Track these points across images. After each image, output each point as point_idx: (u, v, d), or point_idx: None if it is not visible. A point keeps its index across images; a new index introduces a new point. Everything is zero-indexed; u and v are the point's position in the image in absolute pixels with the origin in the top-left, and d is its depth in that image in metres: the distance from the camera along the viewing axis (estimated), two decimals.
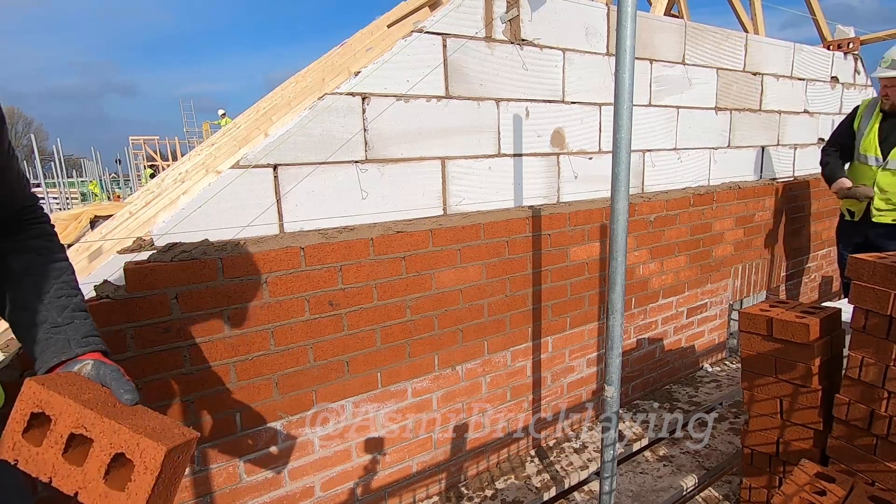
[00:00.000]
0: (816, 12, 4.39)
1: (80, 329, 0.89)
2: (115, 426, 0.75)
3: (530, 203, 2.41)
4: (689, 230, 2.99)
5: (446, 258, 2.03)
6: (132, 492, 0.73)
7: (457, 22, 2.04)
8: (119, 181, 24.46)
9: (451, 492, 2.24)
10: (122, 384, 0.84)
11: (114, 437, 0.75)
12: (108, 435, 0.75)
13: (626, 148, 1.52)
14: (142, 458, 0.74)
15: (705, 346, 3.37)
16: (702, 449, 2.52)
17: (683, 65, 2.95)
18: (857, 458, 1.66)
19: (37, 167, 15.98)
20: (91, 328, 0.91)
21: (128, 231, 2.47)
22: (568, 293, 2.48)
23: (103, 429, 0.75)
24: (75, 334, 0.88)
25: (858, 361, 1.64)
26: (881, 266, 1.56)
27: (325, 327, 1.78)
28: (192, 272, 1.51)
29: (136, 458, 0.74)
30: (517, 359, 2.36)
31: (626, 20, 1.43)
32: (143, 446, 0.75)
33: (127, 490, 0.73)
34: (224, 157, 2.61)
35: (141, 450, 0.74)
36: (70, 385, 0.80)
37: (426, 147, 2.06)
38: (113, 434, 0.75)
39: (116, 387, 0.83)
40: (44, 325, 0.86)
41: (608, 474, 1.79)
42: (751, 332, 1.90)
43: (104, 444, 0.75)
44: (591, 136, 2.59)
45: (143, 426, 0.77)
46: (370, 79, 1.88)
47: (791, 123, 3.76)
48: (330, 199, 1.88)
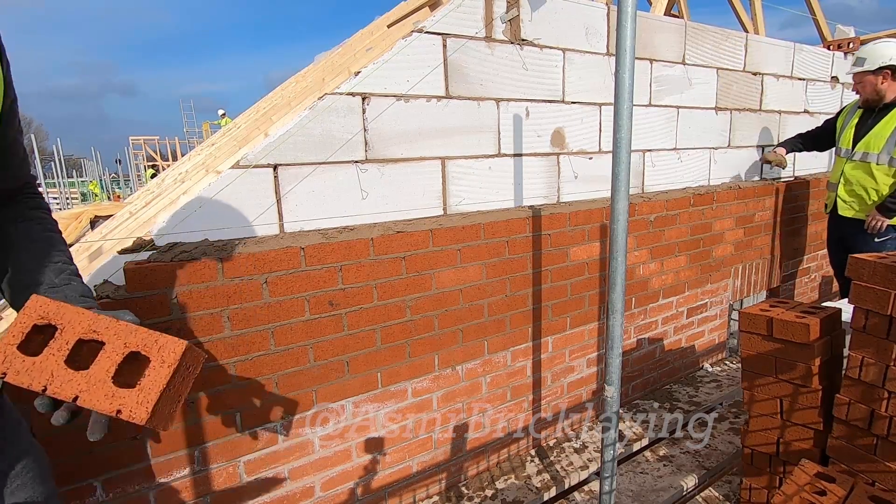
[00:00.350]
0: (816, 12, 4.39)
1: (77, 289, 0.91)
2: (132, 327, 0.74)
3: (530, 203, 2.41)
4: (690, 230, 2.99)
5: (446, 258, 2.03)
6: (145, 387, 0.72)
7: (457, 22, 2.04)
8: (119, 181, 24.47)
9: (452, 492, 2.24)
10: (122, 312, 0.85)
11: (129, 337, 0.74)
12: (124, 336, 0.74)
13: (626, 148, 1.52)
14: (160, 353, 0.73)
15: (705, 346, 3.37)
16: (702, 449, 2.52)
17: (683, 65, 2.95)
18: (858, 458, 1.66)
19: (37, 167, 15.98)
20: (87, 289, 0.93)
21: (128, 231, 2.47)
22: (568, 293, 2.48)
23: (118, 330, 0.74)
24: (73, 293, 0.89)
25: (858, 361, 1.64)
26: (881, 266, 1.56)
27: (325, 327, 1.78)
28: (192, 272, 1.51)
29: (153, 355, 0.73)
30: (517, 359, 2.36)
31: (626, 20, 1.43)
32: (161, 342, 0.73)
33: (139, 385, 0.72)
34: (224, 157, 2.61)
35: (160, 346, 0.73)
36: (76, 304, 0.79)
37: (426, 147, 2.06)
38: (129, 334, 0.74)
39: (118, 314, 0.84)
40: (41, 285, 0.88)
41: (608, 474, 1.79)
42: (751, 332, 1.90)
43: (118, 344, 0.73)
44: (592, 136, 2.59)
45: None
46: (370, 79, 1.88)
47: (791, 123, 3.76)
48: (330, 199, 1.88)
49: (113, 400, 0.71)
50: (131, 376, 0.74)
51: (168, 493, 1.57)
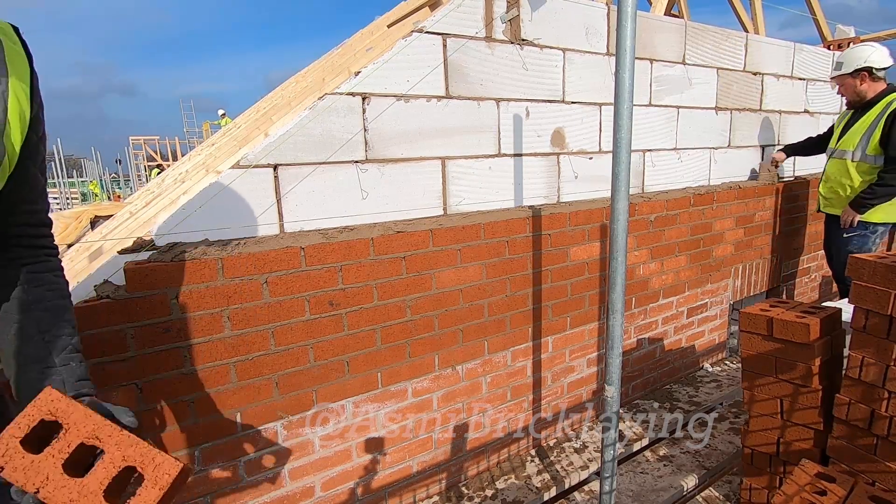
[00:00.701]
0: (817, 12, 4.39)
1: (75, 372, 0.88)
2: (134, 439, 0.74)
3: (530, 203, 2.41)
4: (690, 230, 2.99)
5: (446, 258, 2.03)
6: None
7: (457, 22, 2.04)
8: (119, 181, 24.46)
9: (452, 492, 2.24)
10: (122, 410, 0.83)
11: (128, 451, 0.74)
12: (124, 448, 0.74)
13: (627, 148, 1.52)
14: (154, 472, 0.73)
15: (705, 346, 3.37)
16: (702, 449, 2.52)
17: (683, 65, 2.95)
18: (858, 458, 1.66)
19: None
20: (84, 372, 0.90)
21: (128, 231, 2.47)
22: (568, 293, 2.48)
23: (119, 441, 0.74)
24: (70, 377, 0.87)
25: (859, 361, 1.64)
26: (881, 266, 1.56)
27: (325, 327, 1.78)
28: (192, 272, 1.51)
29: (148, 473, 0.73)
30: (517, 359, 2.36)
31: (626, 20, 1.43)
32: (158, 461, 0.73)
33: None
34: (224, 157, 2.61)
35: (156, 464, 0.73)
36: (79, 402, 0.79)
37: (426, 147, 2.06)
38: (129, 447, 0.74)
39: (117, 412, 0.82)
40: (38, 364, 0.85)
41: (608, 474, 1.79)
42: (751, 331, 1.90)
43: (116, 456, 0.73)
44: (592, 135, 2.59)
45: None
46: (370, 79, 1.88)
47: (791, 123, 3.76)
48: (330, 199, 1.88)
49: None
50: (122, 487, 0.75)
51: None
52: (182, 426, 1.56)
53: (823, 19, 4.44)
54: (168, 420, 1.54)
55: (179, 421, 1.56)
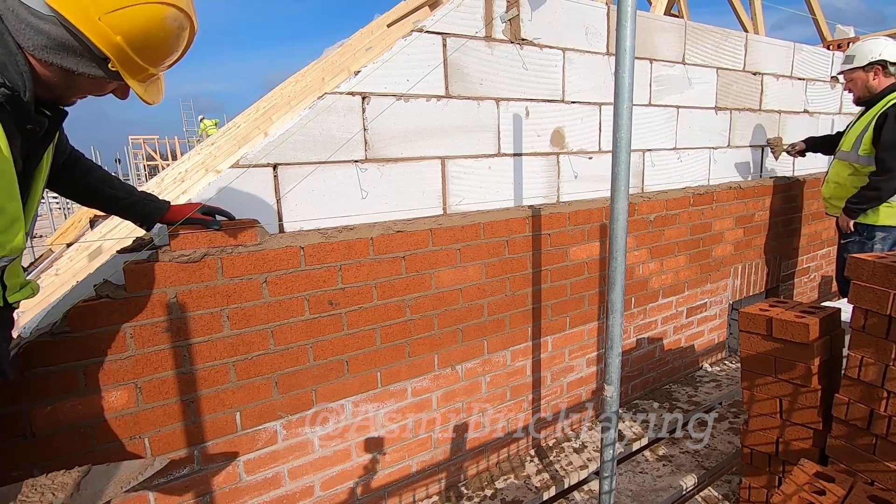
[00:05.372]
0: (816, 12, 4.39)
1: (148, 194, 1.50)
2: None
3: (530, 202, 2.41)
4: (689, 230, 2.99)
5: (446, 258, 2.03)
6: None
7: (457, 21, 2.04)
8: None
9: (451, 491, 2.24)
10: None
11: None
12: None
13: (626, 147, 1.52)
14: None
15: (705, 346, 3.37)
16: (701, 448, 2.52)
17: (683, 64, 2.95)
18: (857, 458, 1.66)
19: None
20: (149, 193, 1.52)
21: (127, 230, 2.46)
22: (568, 293, 2.48)
23: None
24: (149, 195, 1.49)
25: (858, 361, 1.64)
26: (881, 266, 1.56)
27: (324, 327, 1.78)
28: (192, 272, 1.51)
29: None
30: (517, 358, 2.36)
31: (625, 20, 1.43)
32: None
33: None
34: (224, 157, 2.61)
35: None
36: None
37: (426, 146, 2.06)
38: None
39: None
40: (125, 197, 1.44)
41: (608, 474, 1.79)
42: (750, 331, 1.90)
43: None
44: (591, 135, 2.59)
45: None
46: (370, 78, 1.87)
47: (791, 123, 3.76)
48: (330, 198, 1.88)
49: None
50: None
51: (167, 491, 1.57)
52: (182, 425, 1.56)
53: (823, 19, 4.44)
54: (168, 419, 1.54)
55: (179, 420, 1.56)
